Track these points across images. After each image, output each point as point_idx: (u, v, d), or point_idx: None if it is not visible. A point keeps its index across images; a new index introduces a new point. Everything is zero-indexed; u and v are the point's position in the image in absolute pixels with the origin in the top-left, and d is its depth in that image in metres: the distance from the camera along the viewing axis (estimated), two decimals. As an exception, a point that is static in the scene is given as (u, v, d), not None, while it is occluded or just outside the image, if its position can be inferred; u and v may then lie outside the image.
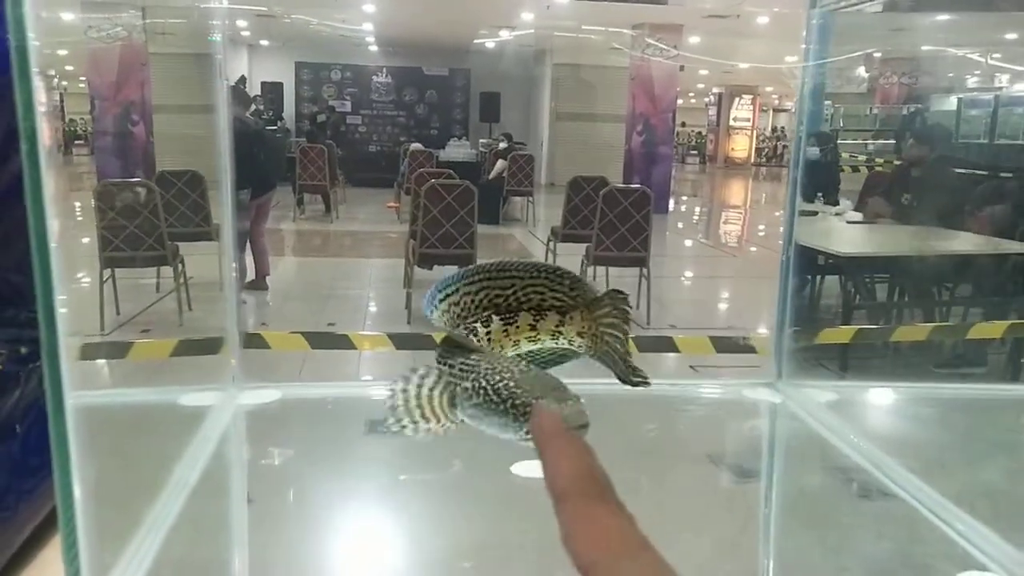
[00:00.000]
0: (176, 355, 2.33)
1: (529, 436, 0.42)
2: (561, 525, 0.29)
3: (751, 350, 2.40)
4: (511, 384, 0.43)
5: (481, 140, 12.84)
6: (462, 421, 0.47)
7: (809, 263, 5.35)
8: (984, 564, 0.84)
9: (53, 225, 0.59)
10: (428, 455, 1.10)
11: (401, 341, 2.74)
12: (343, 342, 2.66)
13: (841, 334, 3.25)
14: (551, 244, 6.70)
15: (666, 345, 2.64)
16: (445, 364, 0.48)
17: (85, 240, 5.21)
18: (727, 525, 1.02)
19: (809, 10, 1.17)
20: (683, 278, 8.05)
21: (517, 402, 0.42)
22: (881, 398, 1.44)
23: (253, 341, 2.73)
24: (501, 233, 9.83)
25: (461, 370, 0.46)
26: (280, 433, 1.15)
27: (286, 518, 0.97)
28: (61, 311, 0.59)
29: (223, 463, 1.00)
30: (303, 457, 1.11)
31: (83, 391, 0.62)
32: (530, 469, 1.06)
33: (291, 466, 1.10)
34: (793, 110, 1.32)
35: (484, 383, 0.44)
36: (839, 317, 4.88)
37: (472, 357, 0.47)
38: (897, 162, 7.49)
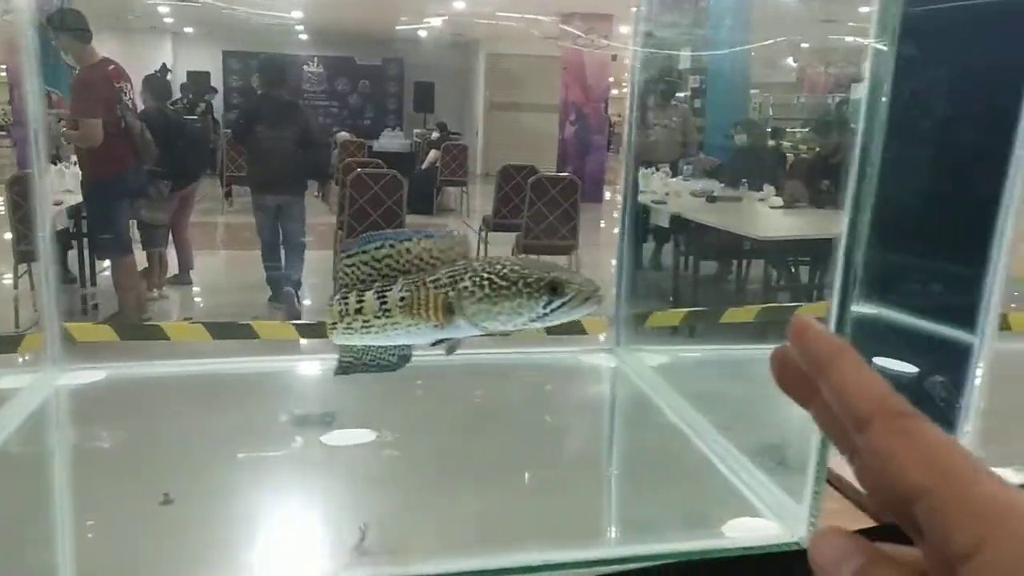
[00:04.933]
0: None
1: (548, 310, 0.43)
2: (872, 451, 0.25)
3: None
4: (516, 267, 0.44)
5: (415, 130, 12.76)
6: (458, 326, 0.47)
7: (735, 244, 5.51)
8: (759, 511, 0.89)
9: None
10: (258, 431, 1.10)
11: (306, 331, 2.72)
12: (245, 332, 2.63)
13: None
14: (482, 233, 6.71)
15: (574, 327, 2.69)
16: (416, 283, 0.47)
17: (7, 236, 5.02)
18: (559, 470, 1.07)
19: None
20: (614, 265, 8.17)
21: (529, 280, 0.44)
22: (706, 360, 1.51)
23: (154, 332, 2.68)
24: (435, 223, 9.82)
25: (450, 276, 0.46)
26: (97, 412, 1.13)
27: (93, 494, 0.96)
28: None
29: (28, 439, 0.99)
30: (121, 434, 1.10)
31: None
32: (338, 438, 1.07)
33: (110, 444, 1.09)
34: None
35: (486, 276, 0.45)
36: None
37: (454, 265, 0.47)
38: (817, 150, 7.77)
